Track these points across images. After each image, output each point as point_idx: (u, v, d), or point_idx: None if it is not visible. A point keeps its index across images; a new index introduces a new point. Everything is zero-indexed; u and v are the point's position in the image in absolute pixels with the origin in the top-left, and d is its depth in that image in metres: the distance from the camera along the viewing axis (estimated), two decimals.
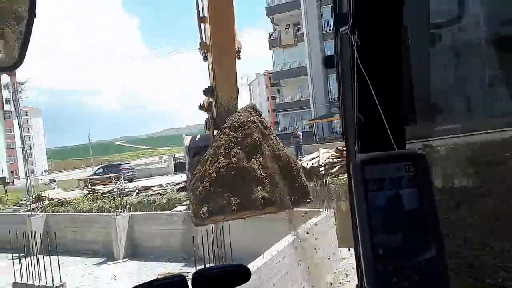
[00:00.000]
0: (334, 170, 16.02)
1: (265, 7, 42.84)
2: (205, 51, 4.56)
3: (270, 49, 43.52)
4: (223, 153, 4.10)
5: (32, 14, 1.14)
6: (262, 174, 4.13)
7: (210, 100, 4.62)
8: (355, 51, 0.95)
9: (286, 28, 42.00)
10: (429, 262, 0.79)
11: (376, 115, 0.92)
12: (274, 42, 42.24)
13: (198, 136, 4.97)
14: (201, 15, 4.53)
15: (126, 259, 14.45)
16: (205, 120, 4.75)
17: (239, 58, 4.39)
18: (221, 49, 4.27)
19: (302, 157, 20.66)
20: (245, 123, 4.20)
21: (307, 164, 16.74)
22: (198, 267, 5.88)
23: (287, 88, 43.70)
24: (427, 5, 1.28)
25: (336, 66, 1.18)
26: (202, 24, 4.62)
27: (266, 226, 12.39)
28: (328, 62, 1.25)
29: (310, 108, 38.75)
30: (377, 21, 0.98)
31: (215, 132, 4.51)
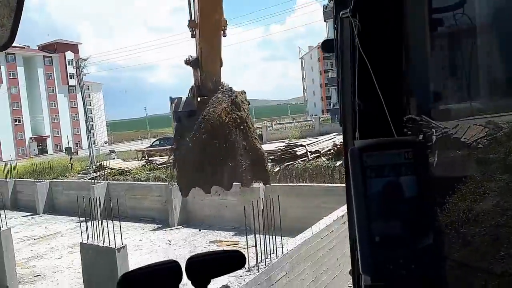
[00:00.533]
0: None
1: None
2: (193, 28, 4.88)
3: (325, 21, 42.27)
4: (202, 142, 4.86)
5: None
6: (235, 158, 4.90)
7: (197, 71, 5.12)
8: (356, 36, 0.92)
9: None
10: (425, 251, 0.78)
11: (376, 101, 0.90)
12: (329, 13, 40.84)
13: (184, 99, 5.37)
14: None
15: (180, 227, 15.20)
16: (190, 88, 5.23)
17: (224, 35, 4.73)
18: (208, 27, 4.62)
19: None
20: (224, 124, 4.87)
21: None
22: (249, 236, 6.06)
23: None
24: None
25: (336, 51, 1.14)
26: (191, 1, 4.89)
27: (317, 200, 12.52)
28: (327, 46, 1.21)
29: None
30: (378, 4, 0.95)
31: (199, 98, 5.13)
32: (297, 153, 17.80)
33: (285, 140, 25.01)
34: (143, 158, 27.71)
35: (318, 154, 17.49)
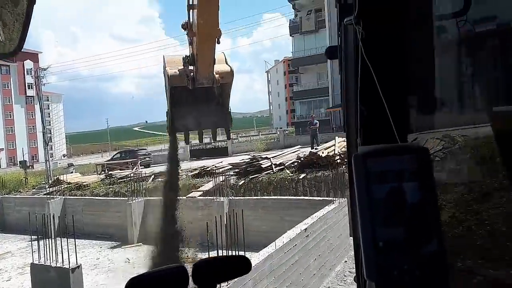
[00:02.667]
0: None
1: None
2: (192, 37, 5.50)
3: (290, 35, 43.07)
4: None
5: (31, 1, 1.10)
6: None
7: (192, 67, 5.95)
8: (360, 42, 0.94)
9: (307, 14, 41.45)
10: (430, 257, 0.78)
11: (379, 108, 0.91)
12: (295, 28, 41.77)
13: (177, 73, 6.10)
14: (190, 3, 5.22)
15: (140, 244, 14.67)
16: (186, 76, 5.99)
17: (218, 43, 5.32)
18: (205, 37, 5.18)
19: (318, 145, 20.49)
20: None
21: (322, 152, 16.57)
22: (211, 252, 5.86)
23: (305, 76, 43.29)
24: None
25: (340, 57, 1.16)
26: (190, 11, 5.32)
27: (280, 214, 12.48)
28: (331, 53, 1.22)
29: (328, 96, 38.31)
30: (382, 12, 0.96)
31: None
32: (262, 165, 17.76)
33: (251, 153, 24.95)
34: (102, 172, 26.77)
35: (282, 166, 17.52)
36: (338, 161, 15.52)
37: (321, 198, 12.71)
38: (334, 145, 17.36)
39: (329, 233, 9.90)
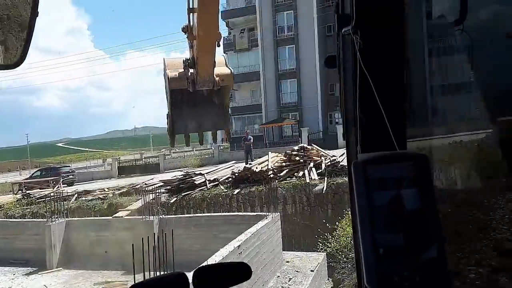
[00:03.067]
0: (282, 174, 16.02)
1: (221, 11, 42.61)
2: (192, 41, 5.54)
3: (224, 53, 43.36)
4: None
5: (34, 12, 1.15)
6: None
7: (192, 71, 5.95)
8: (357, 52, 0.96)
9: (241, 33, 42.08)
10: (430, 263, 0.79)
11: (378, 116, 0.93)
12: (229, 46, 42.13)
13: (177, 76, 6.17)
14: (190, 6, 5.25)
15: (60, 268, 13.45)
16: (186, 78, 6.02)
17: (218, 46, 5.48)
18: (205, 40, 5.23)
19: (252, 160, 20.54)
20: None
21: (256, 168, 16.62)
22: (137, 276, 5.43)
23: (239, 92, 43.70)
24: (430, 6, 1.31)
25: (338, 67, 1.18)
26: (190, 14, 5.38)
27: (213, 232, 12.21)
28: (329, 62, 1.24)
29: (261, 113, 38.95)
30: (379, 22, 0.99)
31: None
32: (195, 182, 17.37)
33: (184, 169, 24.35)
34: (19, 192, 24.43)
35: (217, 182, 17.29)
36: (271, 176, 15.66)
37: (254, 214, 12.69)
38: (268, 160, 17.51)
39: (262, 249, 9.85)
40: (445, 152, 1.59)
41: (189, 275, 1.28)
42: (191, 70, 5.99)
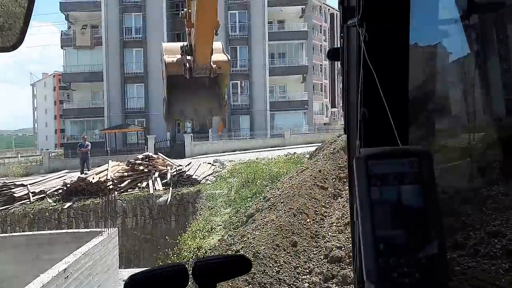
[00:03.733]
0: (123, 184, 15.02)
1: (61, 2, 38.39)
2: (190, 28, 5.61)
3: (62, 48, 39.10)
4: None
5: None
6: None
7: (189, 57, 5.94)
8: (363, 44, 0.96)
9: (82, 28, 38.59)
10: (430, 259, 0.80)
11: (381, 110, 0.93)
12: (68, 41, 38.14)
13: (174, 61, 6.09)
14: None
15: None
16: (183, 65, 5.98)
17: (216, 34, 5.50)
18: (203, 28, 5.31)
19: (89, 170, 18.55)
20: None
21: (93, 178, 15.15)
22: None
23: (78, 93, 39.87)
24: (436, 0, 1.33)
25: (342, 59, 1.17)
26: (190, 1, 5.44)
27: (36, 253, 10.61)
28: (333, 55, 1.22)
29: (103, 117, 36.23)
30: (386, 14, 0.98)
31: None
32: (15, 194, 14.88)
33: (2, 179, 20.61)
34: None
35: (43, 195, 15.16)
36: (111, 187, 14.51)
37: (87, 230, 11.62)
38: (107, 169, 16.17)
39: (95, 269, 8.94)
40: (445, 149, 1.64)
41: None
42: (188, 57, 6.02)
